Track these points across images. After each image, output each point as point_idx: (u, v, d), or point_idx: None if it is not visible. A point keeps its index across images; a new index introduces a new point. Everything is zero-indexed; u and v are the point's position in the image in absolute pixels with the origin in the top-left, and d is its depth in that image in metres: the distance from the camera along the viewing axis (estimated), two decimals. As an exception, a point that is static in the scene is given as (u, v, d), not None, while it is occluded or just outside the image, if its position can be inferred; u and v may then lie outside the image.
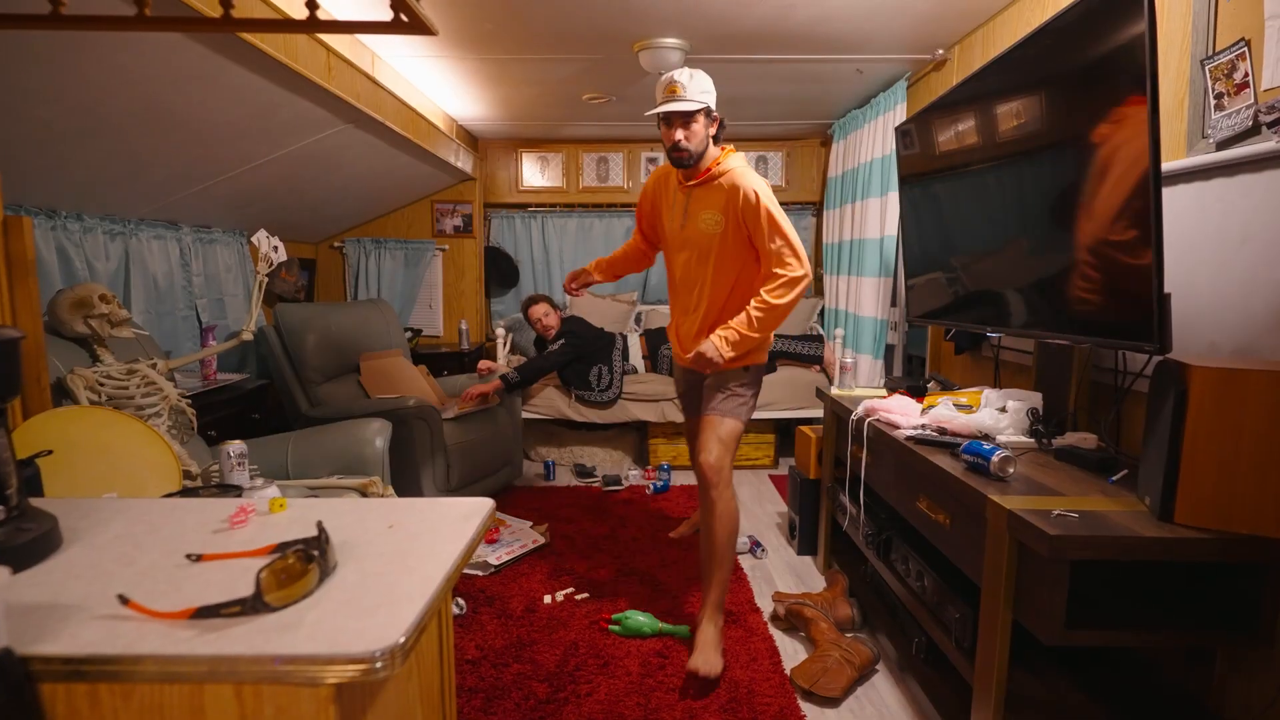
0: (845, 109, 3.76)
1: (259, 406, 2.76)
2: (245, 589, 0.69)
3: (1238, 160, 1.39)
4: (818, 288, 4.53)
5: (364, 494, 1.94)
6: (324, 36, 2.14)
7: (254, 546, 0.85)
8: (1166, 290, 1.29)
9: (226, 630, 0.66)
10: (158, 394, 1.86)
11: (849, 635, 1.96)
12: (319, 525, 0.79)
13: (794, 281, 1.84)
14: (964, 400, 1.80)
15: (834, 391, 2.38)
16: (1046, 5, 2.07)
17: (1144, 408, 1.26)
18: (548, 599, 2.26)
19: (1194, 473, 1.11)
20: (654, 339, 3.89)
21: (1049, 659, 1.49)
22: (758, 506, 3.21)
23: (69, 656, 0.62)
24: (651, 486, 3.39)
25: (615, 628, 2.06)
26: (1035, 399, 1.70)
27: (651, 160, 4.53)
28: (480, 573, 2.44)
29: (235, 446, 1.61)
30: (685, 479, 3.60)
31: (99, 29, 1.09)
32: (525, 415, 3.65)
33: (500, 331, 4.04)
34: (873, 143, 3.34)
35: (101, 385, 1.77)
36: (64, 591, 0.74)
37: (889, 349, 3.48)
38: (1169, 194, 1.52)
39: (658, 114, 1.88)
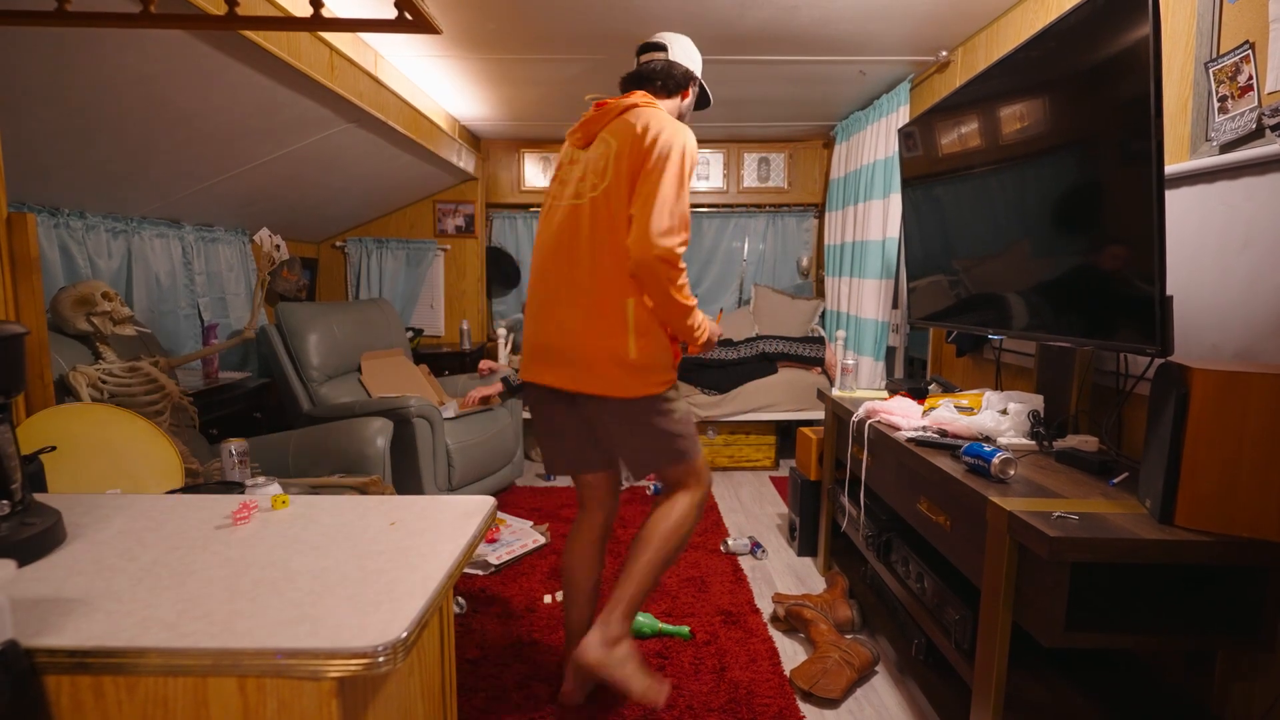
0: (848, 111, 3.77)
1: (261, 405, 2.77)
2: (247, 583, 0.69)
3: (1241, 163, 1.39)
4: (819, 289, 4.53)
5: (365, 493, 1.94)
6: (327, 35, 2.14)
7: (257, 542, 0.86)
8: (1169, 293, 1.29)
9: (230, 624, 0.66)
10: (160, 391, 1.86)
11: (849, 637, 1.96)
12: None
13: None
14: (965, 402, 1.80)
15: (835, 393, 2.38)
16: (1050, 7, 2.08)
17: (1145, 411, 1.26)
18: (548, 599, 2.26)
19: (1195, 475, 1.11)
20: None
21: (1049, 661, 1.49)
22: (758, 508, 3.21)
23: (73, 649, 0.62)
24: (652, 488, 3.39)
25: (615, 628, 2.06)
26: (1036, 401, 1.70)
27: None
28: (480, 572, 2.44)
29: (237, 444, 1.61)
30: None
31: (104, 26, 1.09)
32: (526, 416, 3.65)
33: (502, 332, 4.04)
34: (875, 144, 3.34)
35: (104, 382, 1.77)
36: (67, 585, 0.74)
37: (890, 351, 3.48)
38: (1172, 196, 1.53)
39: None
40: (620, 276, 1.52)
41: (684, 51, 1.73)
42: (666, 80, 1.67)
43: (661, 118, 1.55)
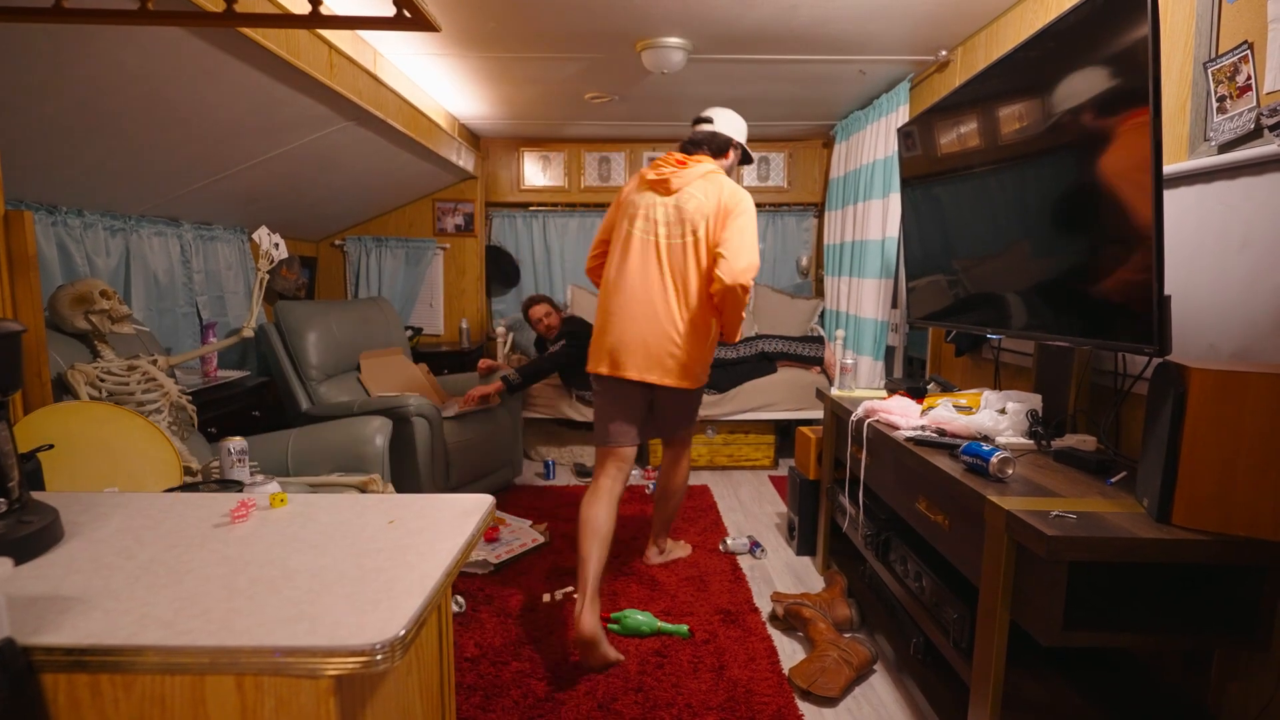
0: (848, 110, 3.77)
1: (259, 404, 2.76)
2: (245, 581, 0.69)
3: (1239, 163, 1.39)
4: (819, 289, 4.53)
5: (364, 491, 1.94)
6: (326, 33, 2.14)
7: (255, 541, 0.86)
8: (1167, 293, 1.29)
9: (228, 622, 0.66)
10: (158, 390, 1.86)
11: (847, 635, 1.96)
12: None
13: None
14: (964, 402, 1.80)
15: (834, 393, 2.38)
16: (1050, 7, 2.08)
17: (1143, 410, 1.26)
18: (547, 598, 2.26)
19: (1192, 475, 1.12)
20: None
21: (1046, 660, 1.49)
22: (757, 507, 3.22)
23: (70, 647, 0.62)
24: (651, 486, 3.39)
25: (614, 626, 2.06)
26: (1035, 401, 1.70)
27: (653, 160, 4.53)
28: (479, 571, 2.44)
29: (236, 443, 1.61)
30: (684, 479, 3.61)
31: (101, 23, 1.09)
32: (526, 415, 3.65)
33: (501, 330, 4.04)
34: (875, 144, 3.34)
35: (102, 381, 1.77)
36: (65, 583, 0.74)
37: (889, 350, 3.48)
38: (1170, 196, 1.53)
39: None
40: (709, 304, 2.06)
41: (727, 123, 2.23)
42: (711, 145, 2.18)
43: (733, 183, 2.11)
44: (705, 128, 2.21)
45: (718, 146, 2.18)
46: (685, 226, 2.04)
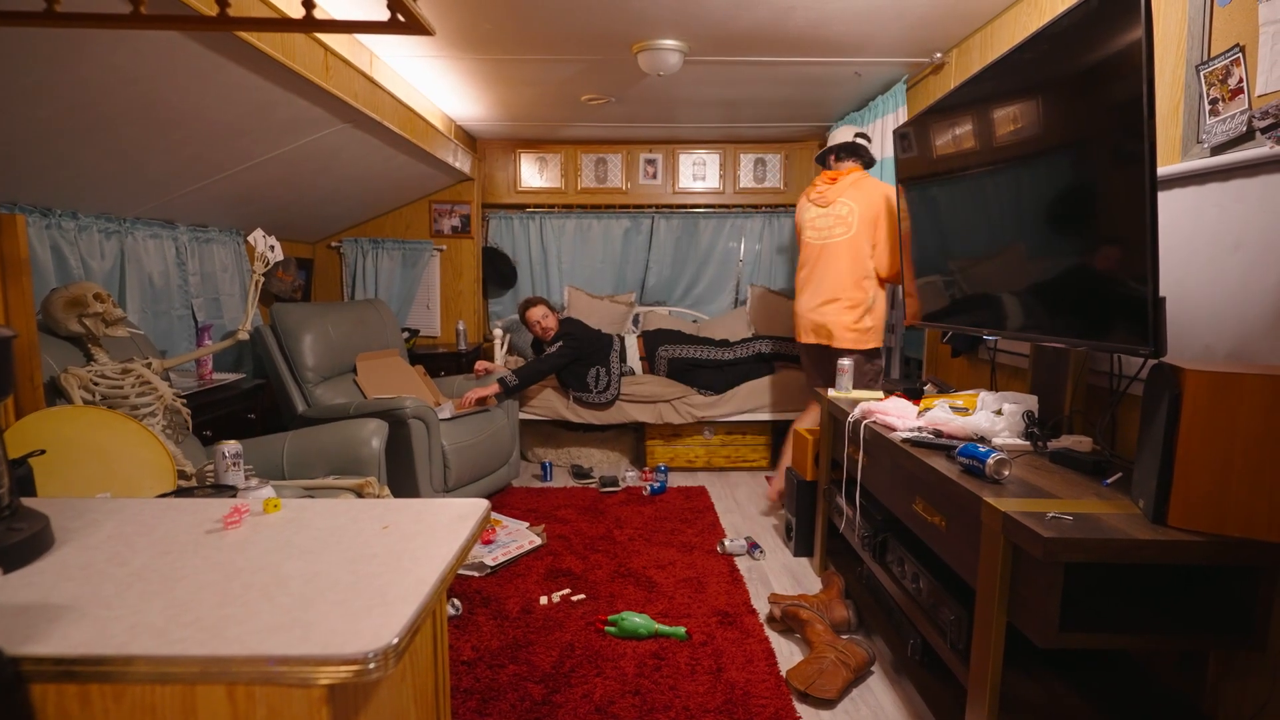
0: (844, 111, 3.77)
1: (255, 406, 2.75)
2: (238, 588, 0.69)
3: (1232, 165, 1.40)
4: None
5: (360, 494, 1.94)
6: (322, 36, 2.13)
7: (249, 547, 0.85)
8: (1161, 294, 1.29)
9: (220, 630, 0.66)
10: (152, 393, 1.85)
11: (845, 637, 1.96)
12: None
13: None
14: (960, 403, 1.80)
15: (831, 394, 2.38)
16: (1044, 9, 2.08)
17: (1139, 411, 1.26)
18: (544, 600, 2.26)
19: (1187, 476, 1.12)
20: (651, 340, 3.89)
21: (1043, 661, 1.49)
22: (754, 508, 3.21)
23: (60, 657, 0.62)
24: (648, 488, 3.39)
25: (611, 629, 2.06)
26: (1031, 402, 1.70)
27: (650, 161, 4.53)
28: (476, 573, 2.43)
29: (230, 446, 1.60)
30: (682, 480, 3.60)
31: (94, 26, 1.09)
32: (523, 416, 3.64)
33: (498, 332, 4.03)
34: (871, 145, 3.34)
35: (96, 385, 1.76)
36: (55, 592, 0.74)
37: (886, 351, 3.48)
38: (1164, 198, 1.53)
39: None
40: (861, 283, 2.77)
41: (876, 146, 3.07)
42: (865, 156, 2.94)
43: (878, 183, 2.82)
44: (862, 141, 2.93)
45: (866, 163, 2.95)
46: (841, 227, 2.77)
